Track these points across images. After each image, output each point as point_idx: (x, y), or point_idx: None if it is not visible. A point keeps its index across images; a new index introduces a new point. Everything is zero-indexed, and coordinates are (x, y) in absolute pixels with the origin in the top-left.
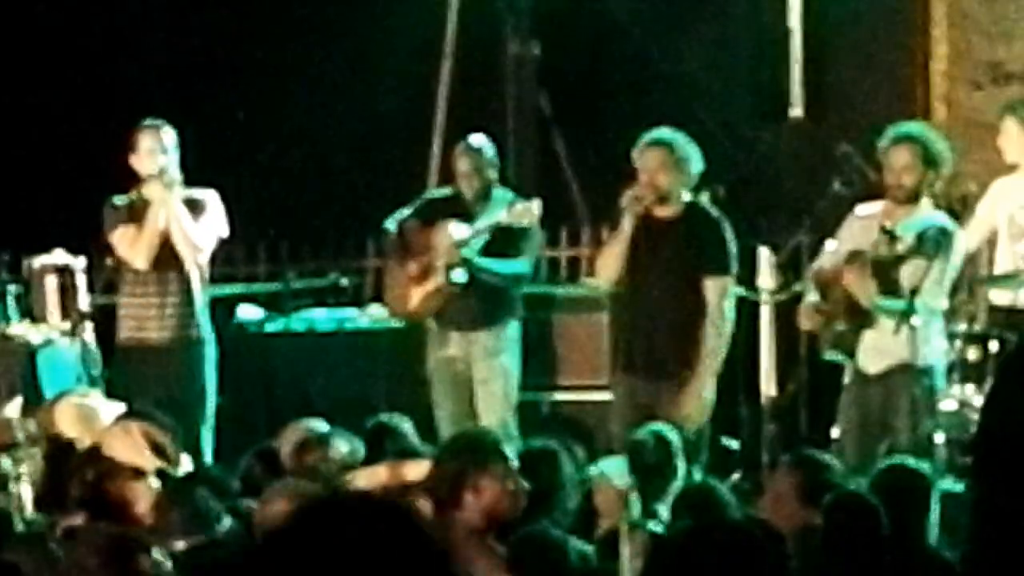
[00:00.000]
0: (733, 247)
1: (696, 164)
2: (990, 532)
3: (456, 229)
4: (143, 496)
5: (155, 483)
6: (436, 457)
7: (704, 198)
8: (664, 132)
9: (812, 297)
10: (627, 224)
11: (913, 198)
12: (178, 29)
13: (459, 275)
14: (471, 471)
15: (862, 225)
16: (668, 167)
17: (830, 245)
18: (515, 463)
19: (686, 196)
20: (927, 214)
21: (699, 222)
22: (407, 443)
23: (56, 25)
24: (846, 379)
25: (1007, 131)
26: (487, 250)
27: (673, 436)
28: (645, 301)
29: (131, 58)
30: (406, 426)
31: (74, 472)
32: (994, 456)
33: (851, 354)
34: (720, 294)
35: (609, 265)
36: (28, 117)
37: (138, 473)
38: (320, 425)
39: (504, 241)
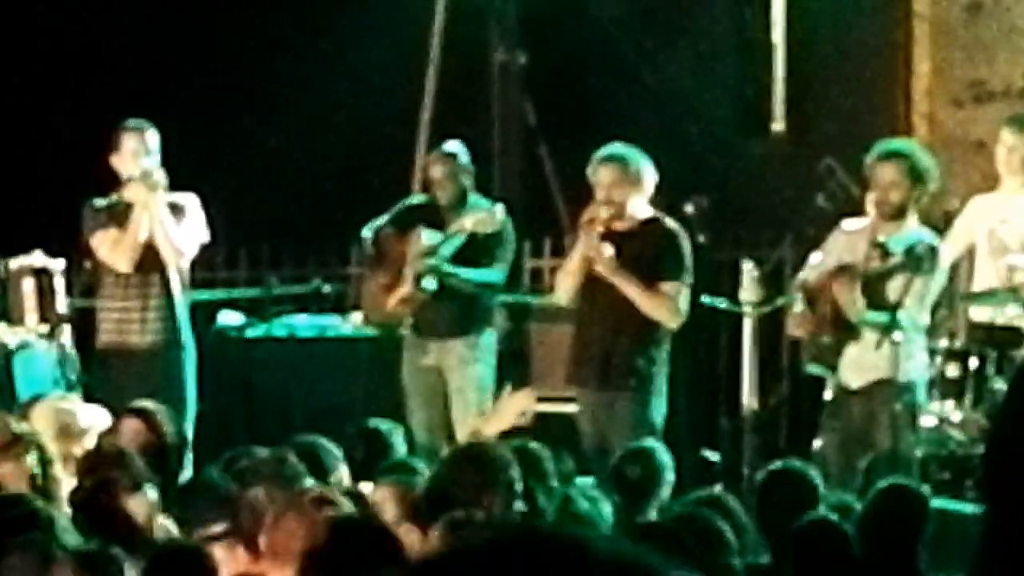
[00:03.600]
0: (688, 258)
1: (650, 176)
2: (1000, 550)
3: (426, 237)
4: (140, 508)
5: (152, 495)
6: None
7: (689, 211)
8: (617, 147)
9: (799, 306)
10: (583, 243)
11: (900, 214)
12: (161, 31)
13: (428, 283)
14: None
15: (849, 239)
16: (622, 182)
17: (815, 257)
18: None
19: (647, 210)
20: (915, 230)
21: (655, 234)
22: (395, 454)
23: (37, 26)
24: (828, 393)
25: (1014, 146)
26: (461, 258)
27: (660, 452)
28: (601, 314)
29: (112, 59)
30: (398, 436)
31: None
32: (1003, 476)
33: (833, 368)
34: (676, 294)
35: (566, 282)
36: (7, 117)
37: (136, 485)
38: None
39: (478, 249)
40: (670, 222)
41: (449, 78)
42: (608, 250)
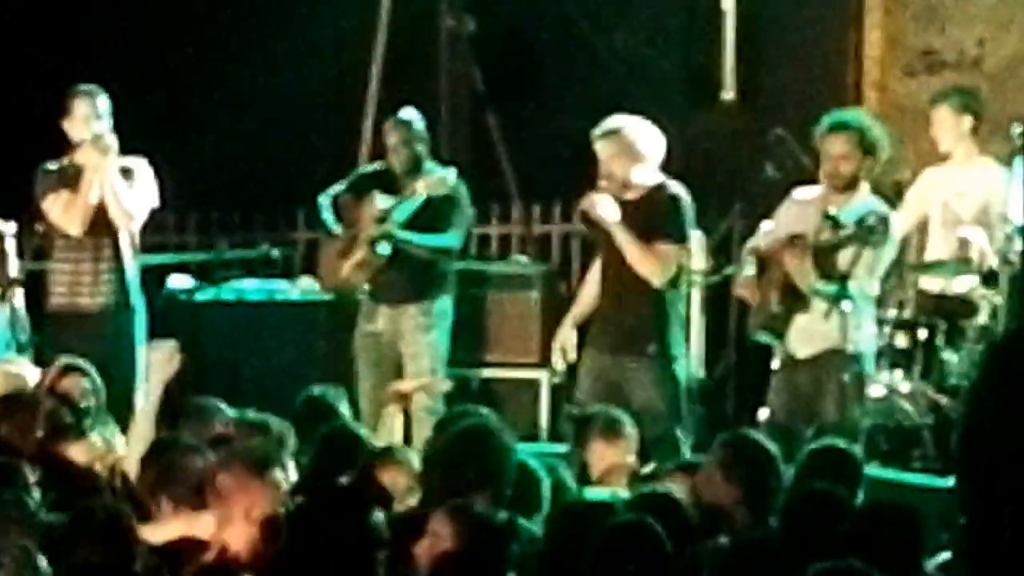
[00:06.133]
0: (688, 221)
1: (650, 143)
2: (980, 531)
3: (380, 202)
4: (86, 454)
5: (98, 441)
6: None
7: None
8: (615, 120)
9: (750, 269)
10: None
11: (851, 185)
12: None
13: (383, 248)
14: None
15: (800, 209)
16: (620, 155)
17: (766, 226)
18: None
19: (655, 176)
20: (866, 200)
21: (659, 198)
22: (340, 421)
23: None
24: (775, 362)
25: (941, 119)
26: (416, 223)
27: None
28: (614, 282)
29: (62, 23)
30: (342, 403)
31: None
32: (976, 458)
33: (781, 336)
34: (667, 254)
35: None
36: None
37: (80, 433)
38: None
39: (433, 215)
40: (675, 187)
41: (398, 45)
42: (603, 202)
